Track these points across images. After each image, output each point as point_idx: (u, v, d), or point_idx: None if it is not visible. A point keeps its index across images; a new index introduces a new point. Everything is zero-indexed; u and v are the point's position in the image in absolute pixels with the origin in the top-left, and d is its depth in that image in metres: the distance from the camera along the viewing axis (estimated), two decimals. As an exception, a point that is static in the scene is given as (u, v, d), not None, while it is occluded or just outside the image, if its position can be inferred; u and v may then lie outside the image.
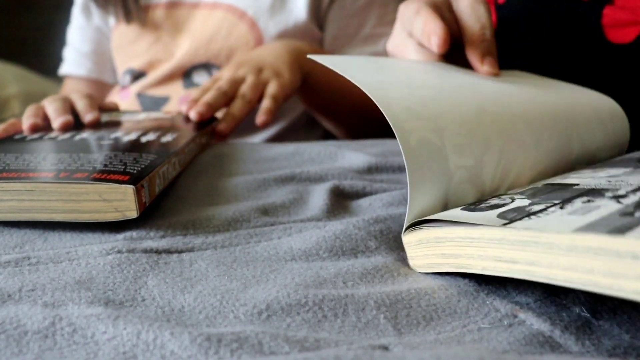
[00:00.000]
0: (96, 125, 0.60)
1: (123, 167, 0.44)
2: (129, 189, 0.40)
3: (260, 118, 0.67)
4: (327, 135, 0.88)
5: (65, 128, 0.58)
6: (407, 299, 0.32)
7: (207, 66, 0.84)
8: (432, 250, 0.35)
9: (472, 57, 0.48)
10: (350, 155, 0.56)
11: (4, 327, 0.29)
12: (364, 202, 0.46)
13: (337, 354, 0.26)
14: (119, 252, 0.37)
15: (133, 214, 0.40)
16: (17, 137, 0.56)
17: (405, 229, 0.37)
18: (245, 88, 0.69)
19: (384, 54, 0.81)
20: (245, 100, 0.68)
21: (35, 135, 0.56)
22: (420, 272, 0.36)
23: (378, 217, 0.42)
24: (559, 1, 0.62)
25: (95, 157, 0.46)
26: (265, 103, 0.68)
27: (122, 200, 0.40)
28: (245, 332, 0.28)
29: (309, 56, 0.43)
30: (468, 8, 0.50)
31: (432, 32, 0.46)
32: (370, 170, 0.53)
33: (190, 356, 0.27)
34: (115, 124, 0.62)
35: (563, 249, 0.28)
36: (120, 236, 0.40)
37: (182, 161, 0.52)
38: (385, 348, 0.28)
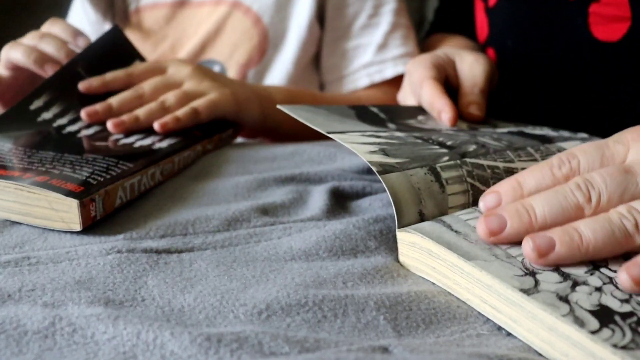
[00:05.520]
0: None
1: (88, 174, 0.43)
2: (73, 202, 0.39)
3: (160, 123, 0.57)
4: None
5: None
6: (407, 301, 0.32)
7: (211, 63, 0.84)
8: (423, 258, 0.35)
9: (460, 105, 0.57)
10: (350, 156, 0.56)
11: (4, 327, 0.29)
12: (363, 202, 0.46)
13: (338, 357, 0.26)
14: (119, 252, 0.37)
15: (76, 227, 0.40)
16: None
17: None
18: (170, 95, 0.60)
19: (381, 44, 0.82)
20: (159, 107, 0.59)
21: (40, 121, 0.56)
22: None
23: (378, 216, 0.42)
24: (547, 2, 0.62)
25: (72, 159, 0.46)
26: (180, 111, 0.59)
27: (67, 212, 0.40)
28: (245, 332, 0.28)
29: (278, 106, 0.47)
30: (466, 67, 0.60)
31: (442, 109, 0.54)
32: (370, 170, 0.53)
33: (190, 356, 0.27)
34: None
35: (544, 325, 0.29)
36: (120, 236, 0.39)
37: (169, 170, 0.50)
38: (385, 349, 0.28)
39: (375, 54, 0.82)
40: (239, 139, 0.69)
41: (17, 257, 0.36)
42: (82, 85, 0.60)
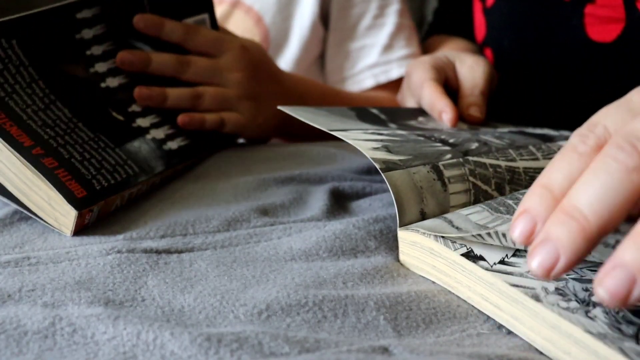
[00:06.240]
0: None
1: (95, 171, 0.42)
2: (72, 211, 0.39)
3: (185, 118, 0.56)
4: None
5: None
6: (407, 301, 0.32)
7: None
8: (424, 256, 0.36)
9: (460, 107, 0.57)
10: (350, 156, 0.56)
11: (4, 327, 0.29)
12: (363, 202, 0.46)
13: (338, 357, 0.26)
14: (119, 252, 0.37)
15: (67, 232, 0.39)
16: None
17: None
18: (208, 93, 0.59)
19: (386, 45, 0.82)
20: (191, 98, 0.58)
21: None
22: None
23: (378, 217, 0.42)
24: (543, 2, 0.62)
25: (85, 137, 0.45)
26: (209, 115, 0.58)
27: (63, 216, 0.39)
28: (245, 332, 0.28)
29: (278, 107, 0.47)
30: (466, 69, 0.60)
31: (443, 110, 0.54)
32: (370, 170, 0.53)
33: (190, 356, 0.27)
34: None
35: (547, 323, 0.29)
36: (120, 236, 0.39)
37: (168, 175, 0.50)
38: (385, 349, 0.28)
39: (381, 55, 0.82)
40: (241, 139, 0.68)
41: (17, 257, 0.36)
42: (138, 19, 0.55)
